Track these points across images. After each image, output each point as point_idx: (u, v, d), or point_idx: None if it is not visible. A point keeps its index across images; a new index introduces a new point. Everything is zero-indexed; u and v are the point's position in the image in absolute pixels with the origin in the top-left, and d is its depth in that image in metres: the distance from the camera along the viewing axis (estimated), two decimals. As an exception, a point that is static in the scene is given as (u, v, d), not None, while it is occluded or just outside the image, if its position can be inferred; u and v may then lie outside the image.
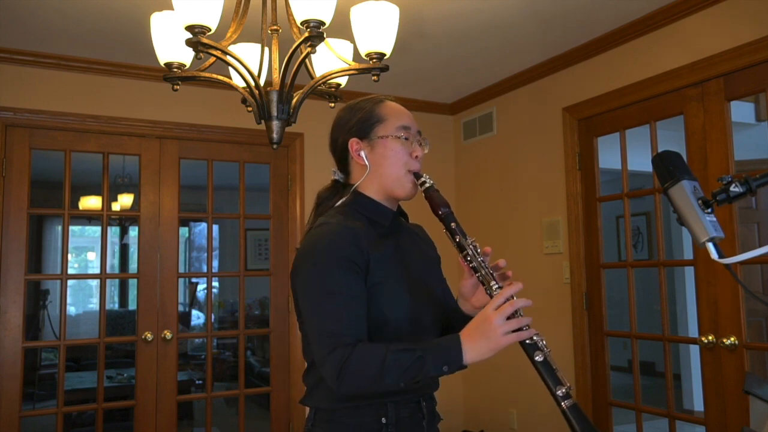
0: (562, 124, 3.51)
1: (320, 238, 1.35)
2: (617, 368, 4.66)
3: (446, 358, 1.22)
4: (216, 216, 3.93)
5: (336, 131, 1.49)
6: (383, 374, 1.21)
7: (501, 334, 1.21)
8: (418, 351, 1.22)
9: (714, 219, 0.98)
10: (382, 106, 1.46)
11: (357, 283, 1.30)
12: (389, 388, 1.24)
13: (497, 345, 1.22)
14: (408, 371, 1.21)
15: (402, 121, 1.43)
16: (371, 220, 1.41)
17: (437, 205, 1.37)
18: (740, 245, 2.66)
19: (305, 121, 3.05)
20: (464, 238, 1.34)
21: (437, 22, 2.99)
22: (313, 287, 1.32)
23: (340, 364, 1.23)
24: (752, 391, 1.11)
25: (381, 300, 1.32)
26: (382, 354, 1.22)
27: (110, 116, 3.47)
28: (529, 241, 3.76)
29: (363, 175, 1.43)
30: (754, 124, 4.68)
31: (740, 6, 2.63)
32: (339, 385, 1.24)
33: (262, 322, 7.18)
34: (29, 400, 5.32)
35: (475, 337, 1.23)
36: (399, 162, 1.41)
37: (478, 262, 1.33)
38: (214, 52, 1.89)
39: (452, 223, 1.35)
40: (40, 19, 2.88)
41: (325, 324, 1.28)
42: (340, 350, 1.24)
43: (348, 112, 1.49)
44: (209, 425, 3.63)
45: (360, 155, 1.43)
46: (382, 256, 1.36)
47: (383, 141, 1.41)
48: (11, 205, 3.25)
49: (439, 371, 1.23)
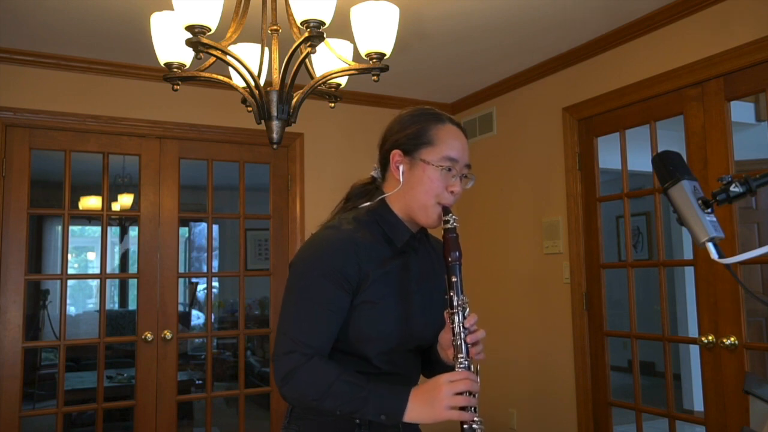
0: (562, 124, 3.51)
1: (320, 244, 1.35)
2: (617, 368, 4.66)
3: (388, 408, 1.24)
4: (216, 216, 3.92)
5: (389, 132, 1.45)
6: (325, 397, 1.24)
7: (445, 406, 1.22)
8: (364, 391, 1.24)
9: (714, 219, 0.98)
10: (440, 128, 1.39)
11: (338, 299, 1.30)
12: (327, 410, 1.27)
13: (438, 416, 1.23)
14: (347, 405, 1.24)
15: (452, 151, 1.36)
16: (386, 236, 1.39)
17: (449, 250, 1.32)
18: (740, 245, 2.66)
19: (305, 121, 3.06)
20: (458, 297, 1.31)
21: (437, 22, 2.99)
22: (298, 287, 1.33)
23: (288, 369, 1.26)
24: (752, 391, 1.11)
25: (367, 319, 1.32)
26: (331, 378, 1.25)
27: (110, 116, 3.47)
28: (529, 241, 3.76)
29: (395, 188, 1.40)
30: (754, 124, 4.68)
31: (740, 6, 2.63)
32: (281, 387, 1.28)
33: (262, 322, 7.18)
34: (29, 400, 5.33)
35: (422, 400, 1.24)
36: (432, 192, 1.35)
37: (459, 328, 1.30)
38: (214, 52, 1.89)
39: (453, 276, 1.31)
40: (40, 19, 2.88)
41: (292, 328, 1.30)
42: (295, 356, 1.27)
43: (404, 119, 1.43)
44: (209, 425, 3.63)
45: (398, 169, 1.39)
46: (384, 275, 1.35)
47: (424, 165, 1.36)
48: (11, 205, 3.25)
49: (377, 418, 1.25)
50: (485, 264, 4.11)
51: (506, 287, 3.93)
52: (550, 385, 3.56)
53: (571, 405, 3.40)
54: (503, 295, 3.94)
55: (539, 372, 3.65)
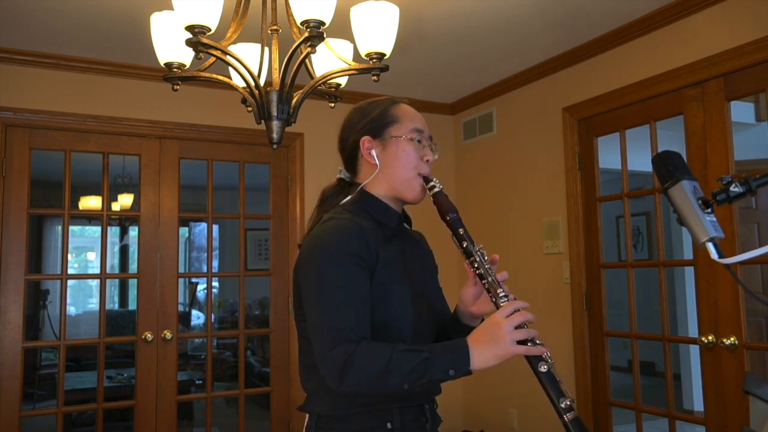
0: (562, 124, 3.51)
1: (330, 233, 1.31)
2: (617, 368, 4.66)
3: (453, 361, 1.19)
4: (216, 216, 3.92)
5: (346, 131, 1.47)
6: (388, 374, 1.17)
7: (509, 341, 1.19)
8: (424, 352, 1.19)
9: (714, 219, 0.98)
10: (397, 107, 1.45)
11: (364, 281, 1.27)
12: (392, 389, 1.20)
13: (505, 352, 1.19)
14: (413, 372, 1.18)
15: (416, 123, 1.42)
16: (377, 220, 1.39)
17: (445, 211, 1.35)
18: (740, 245, 2.66)
19: (305, 121, 3.06)
20: (472, 245, 1.32)
21: (437, 22, 2.99)
22: (321, 281, 1.27)
23: (343, 360, 1.18)
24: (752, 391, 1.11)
25: (385, 302, 1.29)
26: (388, 353, 1.18)
27: (110, 116, 3.47)
28: (529, 241, 3.76)
29: (371, 174, 1.41)
30: (754, 124, 4.68)
31: (740, 6, 2.63)
32: (340, 383, 1.19)
33: (262, 322, 7.19)
34: (29, 400, 5.33)
35: (483, 342, 1.20)
36: (410, 164, 1.39)
37: (485, 269, 1.30)
38: (214, 52, 1.89)
39: (460, 228, 1.33)
40: (40, 19, 2.88)
41: (330, 319, 1.23)
42: (343, 345, 1.19)
43: (361, 111, 1.47)
44: (209, 425, 3.63)
45: (371, 154, 1.41)
46: (389, 257, 1.34)
47: (396, 141, 1.39)
48: (11, 205, 3.25)
49: (446, 375, 1.19)
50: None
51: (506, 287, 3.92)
52: (550, 385, 3.55)
53: (571, 405, 3.40)
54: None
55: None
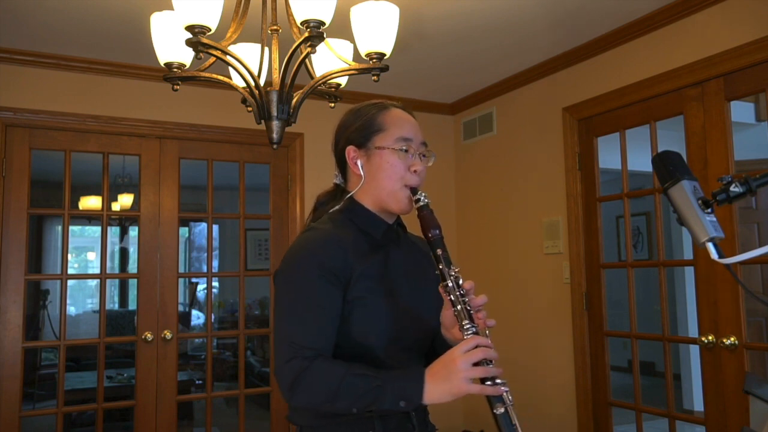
0: (562, 124, 3.51)
1: (305, 245, 1.32)
2: (617, 368, 4.66)
3: (405, 393, 1.17)
4: (216, 216, 3.92)
5: (338, 134, 1.45)
6: (337, 396, 1.17)
7: (463, 379, 1.15)
8: (377, 380, 1.17)
9: (714, 219, 0.98)
10: (385, 114, 1.40)
11: (333, 297, 1.26)
12: (341, 411, 1.20)
13: (459, 390, 1.16)
14: (363, 398, 1.17)
15: (403, 132, 1.37)
16: (363, 230, 1.36)
17: (427, 227, 1.30)
18: (740, 245, 2.66)
19: (305, 121, 3.05)
20: (447, 267, 1.27)
21: (437, 22, 2.99)
22: (288, 292, 1.29)
23: (294, 375, 1.19)
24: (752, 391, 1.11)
25: (360, 316, 1.28)
26: (339, 375, 1.18)
27: (110, 116, 3.47)
28: (529, 241, 3.76)
29: (358, 185, 1.38)
30: (754, 124, 4.68)
31: (740, 6, 2.63)
32: (290, 396, 1.21)
33: (262, 322, 7.19)
34: (29, 400, 5.33)
35: (439, 377, 1.17)
36: (395, 175, 1.34)
37: (456, 296, 1.25)
38: (214, 52, 1.89)
39: (438, 249, 1.28)
40: (40, 19, 2.88)
41: (289, 332, 1.24)
42: (297, 361, 1.20)
43: (351, 116, 1.43)
44: (209, 425, 3.63)
45: (356, 164, 1.38)
46: (368, 269, 1.31)
47: (380, 152, 1.35)
48: (11, 205, 3.24)
49: (395, 406, 1.17)
50: (485, 264, 4.11)
51: (506, 287, 3.93)
52: (550, 385, 3.56)
53: (571, 405, 3.40)
54: (503, 295, 3.93)
55: (539, 372, 3.65)
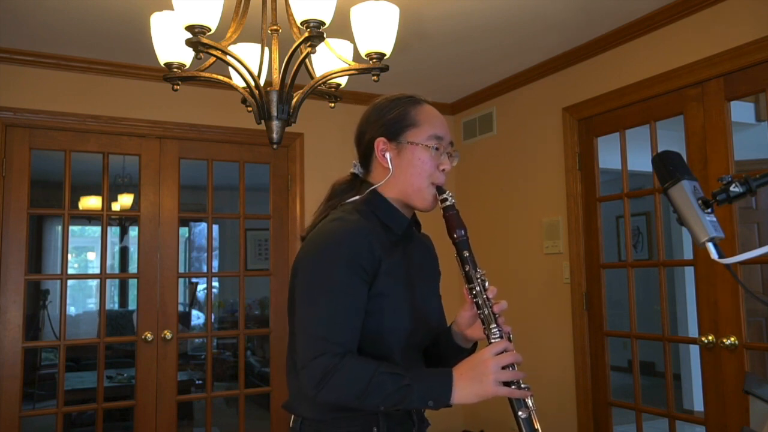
0: (562, 124, 3.51)
1: (335, 234, 1.26)
2: (617, 368, 4.66)
3: (434, 393, 1.17)
4: (216, 216, 3.92)
5: (364, 125, 1.41)
6: (365, 395, 1.16)
7: (494, 381, 1.16)
8: (406, 378, 1.16)
9: (714, 219, 0.98)
10: (419, 109, 1.38)
11: (362, 292, 1.23)
12: (368, 408, 1.19)
13: (488, 392, 1.17)
14: (391, 397, 1.16)
15: (436, 129, 1.35)
16: (384, 224, 1.33)
17: (453, 227, 1.30)
18: (740, 245, 2.66)
19: (305, 121, 3.06)
20: (474, 270, 1.27)
21: (437, 22, 2.99)
22: (316, 282, 1.23)
23: (323, 372, 1.16)
24: (752, 391, 1.11)
25: (380, 312, 1.25)
26: (369, 373, 1.16)
27: (110, 116, 3.47)
28: (529, 241, 3.76)
29: (384, 178, 1.35)
30: (754, 124, 4.68)
31: (740, 6, 2.63)
32: (317, 393, 1.18)
33: (262, 322, 7.19)
34: (29, 400, 5.33)
35: (468, 378, 1.17)
36: (424, 173, 1.32)
37: (483, 300, 1.26)
38: (214, 52, 1.89)
39: (465, 251, 1.28)
40: (40, 19, 2.88)
41: (318, 325, 1.20)
42: (327, 357, 1.17)
43: (381, 107, 1.40)
44: (209, 425, 3.63)
45: (385, 156, 1.35)
46: (392, 264, 1.29)
47: (412, 148, 1.33)
48: (11, 205, 3.24)
49: (424, 405, 1.18)
50: (485, 264, 4.05)
51: (506, 287, 3.93)
52: (550, 385, 3.56)
53: (571, 405, 3.40)
54: (503, 295, 3.92)
55: (539, 372, 3.64)
